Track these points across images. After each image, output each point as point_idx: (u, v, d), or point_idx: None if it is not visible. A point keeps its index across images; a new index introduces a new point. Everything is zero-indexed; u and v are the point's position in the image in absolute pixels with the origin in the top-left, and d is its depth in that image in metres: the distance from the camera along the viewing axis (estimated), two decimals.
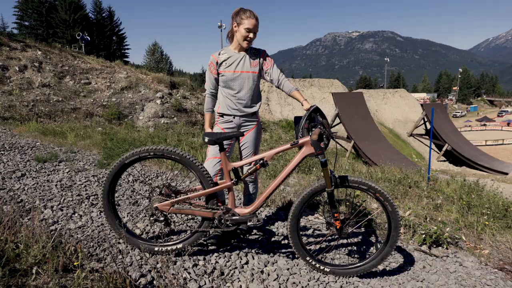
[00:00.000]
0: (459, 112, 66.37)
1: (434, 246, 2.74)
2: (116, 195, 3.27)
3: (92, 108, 10.33)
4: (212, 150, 2.31)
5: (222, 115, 2.36)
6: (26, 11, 34.92)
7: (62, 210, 2.75)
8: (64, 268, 1.73)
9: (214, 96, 2.40)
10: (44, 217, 2.57)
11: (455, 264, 2.47)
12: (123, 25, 40.98)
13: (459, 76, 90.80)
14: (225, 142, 2.29)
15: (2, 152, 4.68)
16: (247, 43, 2.20)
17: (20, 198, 2.97)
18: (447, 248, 2.71)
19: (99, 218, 2.63)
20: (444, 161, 22.20)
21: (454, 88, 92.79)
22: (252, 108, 2.35)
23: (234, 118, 2.33)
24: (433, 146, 23.37)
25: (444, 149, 21.73)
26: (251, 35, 2.17)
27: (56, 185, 3.42)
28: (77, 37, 22.91)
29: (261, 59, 2.33)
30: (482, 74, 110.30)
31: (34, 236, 1.90)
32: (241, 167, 2.36)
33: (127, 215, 2.77)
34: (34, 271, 1.56)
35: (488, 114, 62.97)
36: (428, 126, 24.76)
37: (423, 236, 2.74)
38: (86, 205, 2.92)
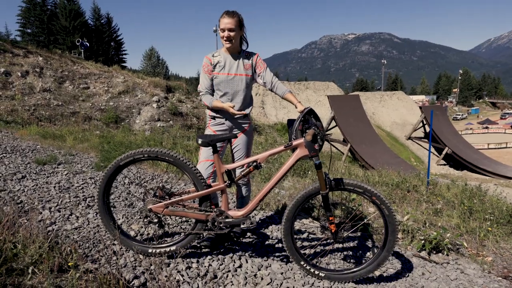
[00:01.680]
0: (459, 115, 65.95)
1: (434, 252, 2.70)
2: (112, 197, 3.29)
3: (90, 112, 10.41)
4: (205, 153, 2.32)
5: (214, 117, 2.38)
6: (29, 18, 35.29)
7: (59, 211, 2.78)
8: (59, 269, 1.75)
9: (210, 94, 2.35)
10: (43, 218, 2.59)
11: (456, 271, 2.42)
12: (121, 30, 41.43)
13: (459, 77, 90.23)
14: (217, 144, 2.30)
15: (4, 155, 4.73)
16: (226, 42, 2.22)
17: (20, 199, 3.00)
18: (447, 255, 2.67)
19: (95, 220, 2.64)
20: (445, 165, 22.11)
21: (454, 90, 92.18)
22: (244, 111, 2.36)
23: (226, 120, 2.35)
24: (433, 150, 23.31)
25: (444, 152, 21.63)
26: (225, 33, 2.19)
27: (54, 186, 3.45)
28: (77, 43, 23.09)
29: (254, 62, 2.35)
30: (483, 76, 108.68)
31: (32, 237, 1.92)
32: (234, 169, 2.38)
33: (122, 217, 2.79)
34: (30, 270, 1.58)
35: (490, 117, 62.25)
36: (427, 129, 24.71)
37: (422, 241, 2.70)
38: (82, 206, 2.94)
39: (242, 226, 2.07)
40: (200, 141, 2.01)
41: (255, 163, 2.04)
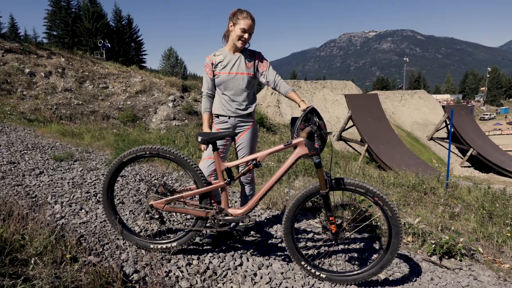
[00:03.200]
0: (487, 115, 62.71)
1: (446, 257, 2.60)
2: (121, 193, 3.37)
3: (109, 111, 10.75)
4: (207, 151, 2.34)
5: (217, 115, 2.39)
6: (55, 21, 37.02)
7: (70, 206, 2.88)
8: (62, 260, 1.81)
9: (211, 97, 2.41)
10: (54, 212, 2.70)
11: (468, 277, 2.32)
12: (141, 31, 42.71)
13: (488, 75, 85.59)
14: (220, 142, 2.32)
15: (25, 151, 4.95)
16: (241, 43, 2.21)
17: (35, 194, 3.12)
18: (460, 260, 2.56)
19: (103, 215, 2.72)
20: (469, 167, 21.19)
21: (481, 88, 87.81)
22: (247, 109, 2.36)
23: (229, 119, 2.35)
24: (456, 151, 22.37)
25: (468, 154, 20.72)
26: (246, 35, 2.19)
27: (68, 182, 3.58)
28: (99, 45, 23.94)
29: (257, 60, 2.34)
30: None
31: (38, 229, 2.00)
32: (237, 167, 2.38)
33: (129, 213, 2.85)
34: (32, 261, 1.64)
35: None
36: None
37: (433, 246, 2.60)
38: (93, 202, 3.03)
39: (241, 224, 2.06)
40: (199, 138, 2.02)
41: (254, 161, 2.03)
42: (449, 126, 23.93)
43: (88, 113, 10.05)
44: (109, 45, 25.38)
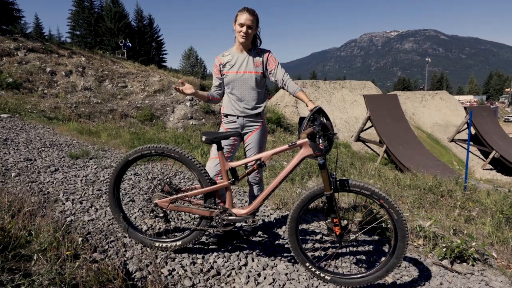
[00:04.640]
0: None
1: (458, 261, 2.52)
2: (133, 191, 3.43)
3: (127, 109, 10.95)
4: (214, 150, 2.34)
5: (226, 115, 2.39)
6: (78, 21, 38.36)
7: (81, 203, 2.93)
8: (65, 257, 1.85)
9: (215, 91, 2.42)
10: (64, 209, 2.76)
11: (480, 283, 2.24)
12: (162, 31, 43.69)
13: None
14: (226, 142, 2.31)
15: (43, 149, 5.09)
16: (241, 37, 2.21)
17: (48, 190, 3.20)
18: (473, 265, 2.48)
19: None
20: (491, 169, 20.34)
21: (506, 90, 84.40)
22: (256, 109, 2.34)
23: (237, 118, 2.35)
24: (478, 153, 21.51)
25: (491, 156, 19.89)
26: (243, 29, 2.18)
27: (81, 180, 3.65)
28: (120, 44, 24.51)
29: (265, 59, 2.32)
30: None
31: (45, 226, 2.06)
32: (246, 167, 2.37)
33: (138, 211, 2.89)
34: (35, 257, 1.68)
35: None
36: (473, 131, 22.87)
37: (444, 249, 2.53)
38: (103, 199, 3.08)
39: (244, 224, 2.05)
40: (204, 138, 2.02)
41: (258, 162, 2.02)
42: (471, 127, 23.02)
43: (107, 111, 10.30)
44: (130, 45, 25.92)
